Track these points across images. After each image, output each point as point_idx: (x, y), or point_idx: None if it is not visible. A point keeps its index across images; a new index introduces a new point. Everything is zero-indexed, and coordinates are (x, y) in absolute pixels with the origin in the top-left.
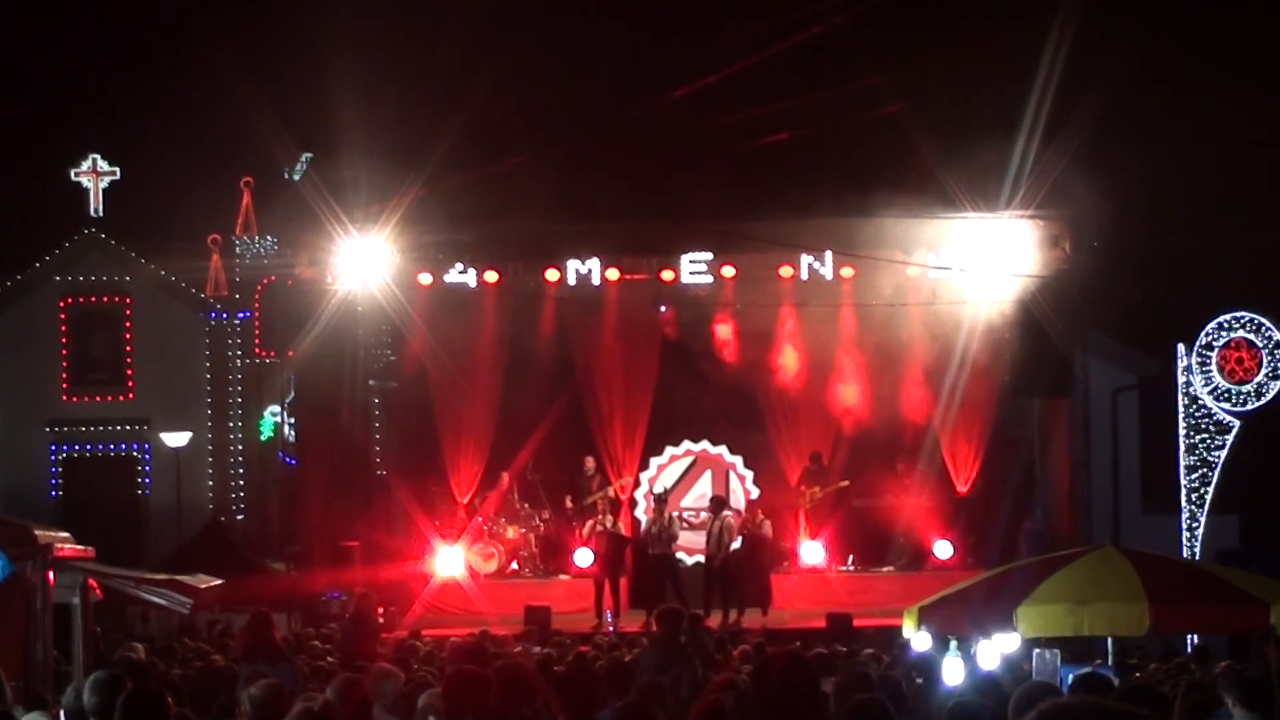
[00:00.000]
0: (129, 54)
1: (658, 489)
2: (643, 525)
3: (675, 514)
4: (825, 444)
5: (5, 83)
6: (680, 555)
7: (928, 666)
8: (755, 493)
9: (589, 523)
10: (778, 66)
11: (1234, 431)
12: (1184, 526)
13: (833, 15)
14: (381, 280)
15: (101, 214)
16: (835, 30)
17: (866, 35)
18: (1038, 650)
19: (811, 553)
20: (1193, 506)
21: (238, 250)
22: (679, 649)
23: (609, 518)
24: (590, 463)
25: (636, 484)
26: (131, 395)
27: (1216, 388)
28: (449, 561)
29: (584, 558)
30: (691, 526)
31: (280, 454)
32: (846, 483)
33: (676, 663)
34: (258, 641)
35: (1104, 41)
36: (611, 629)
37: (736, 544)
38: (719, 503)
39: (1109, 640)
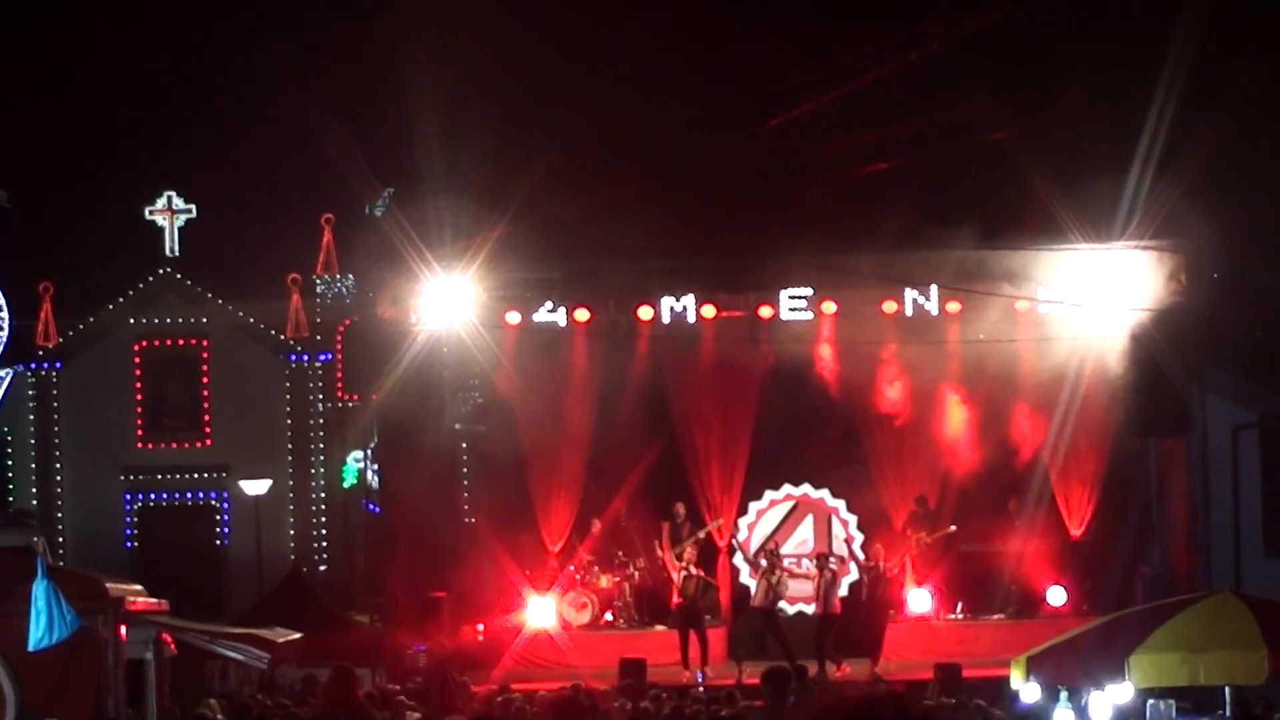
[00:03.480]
0: (205, 87)
1: (770, 545)
2: (747, 575)
3: (785, 573)
4: (931, 487)
5: (79, 117)
6: (781, 604)
7: (1037, 719)
8: (859, 539)
9: (678, 574)
10: (879, 94)
11: None
12: None
13: (934, 41)
14: (467, 320)
15: (177, 253)
16: (939, 58)
17: (971, 62)
18: (1152, 701)
19: (919, 601)
20: None
21: (318, 290)
22: (786, 712)
23: (692, 567)
24: (680, 509)
25: (735, 530)
26: (209, 441)
27: None
28: (540, 612)
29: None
30: (792, 575)
31: (364, 501)
32: (954, 527)
33: None
34: (339, 698)
35: (1222, 65)
36: (702, 686)
37: (843, 592)
38: (824, 558)
39: (1226, 690)
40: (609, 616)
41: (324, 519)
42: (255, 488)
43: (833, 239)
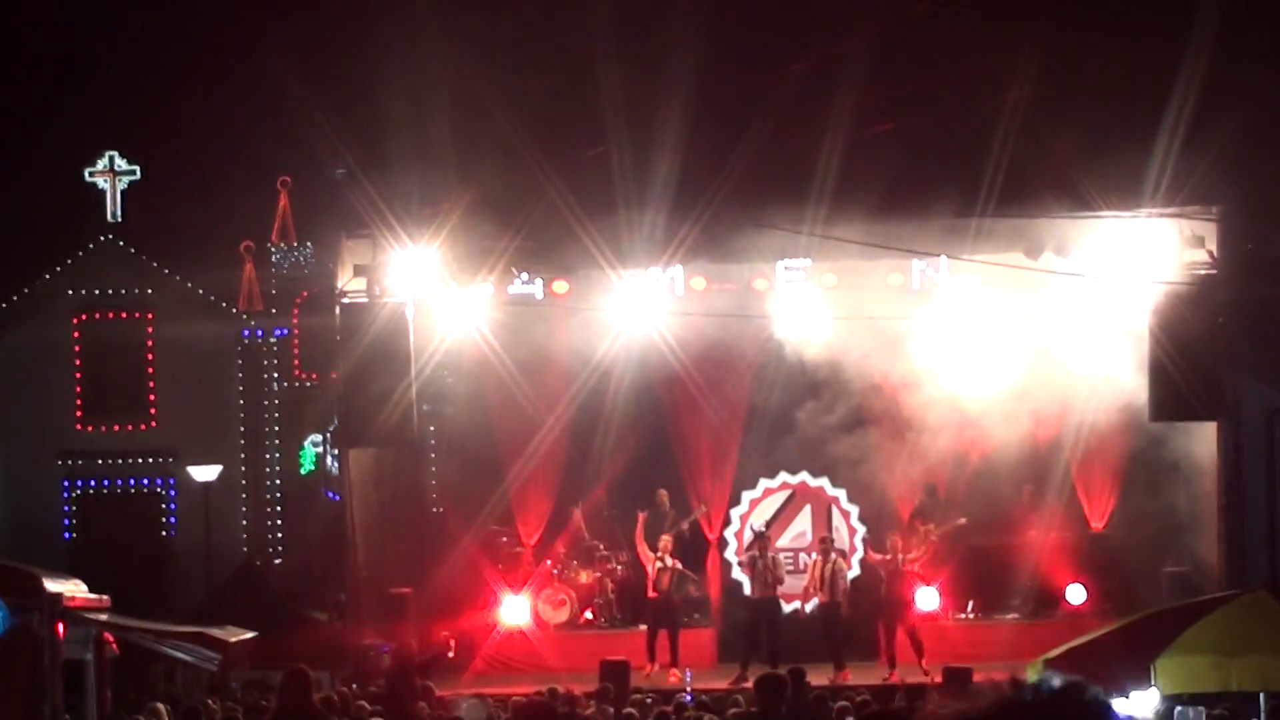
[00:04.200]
0: (150, 37)
1: (757, 525)
2: (739, 570)
3: (777, 553)
4: (940, 475)
5: (12, 69)
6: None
7: None
8: (860, 530)
9: (653, 566)
10: (888, 52)
11: None
12: None
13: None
14: (435, 292)
15: (120, 219)
16: (953, 13)
17: (987, 17)
18: (1180, 708)
19: (926, 599)
20: None
21: (274, 259)
22: None
23: (668, 558)
24: (663, 497)
25: (726, 521)
26: (154, 424)
27: None
28: (514, 610)
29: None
30: (795, 570)
31: (323, 489)
32: (964, 520)
33: None
34: (293, 703)
35: (1259, 19)
36: (689, 689)
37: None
38: (826, 542)
39: (1262, 697)
40: (589, 615)
41: (279, 508)
42: (204, 474)
43: (834, 206)
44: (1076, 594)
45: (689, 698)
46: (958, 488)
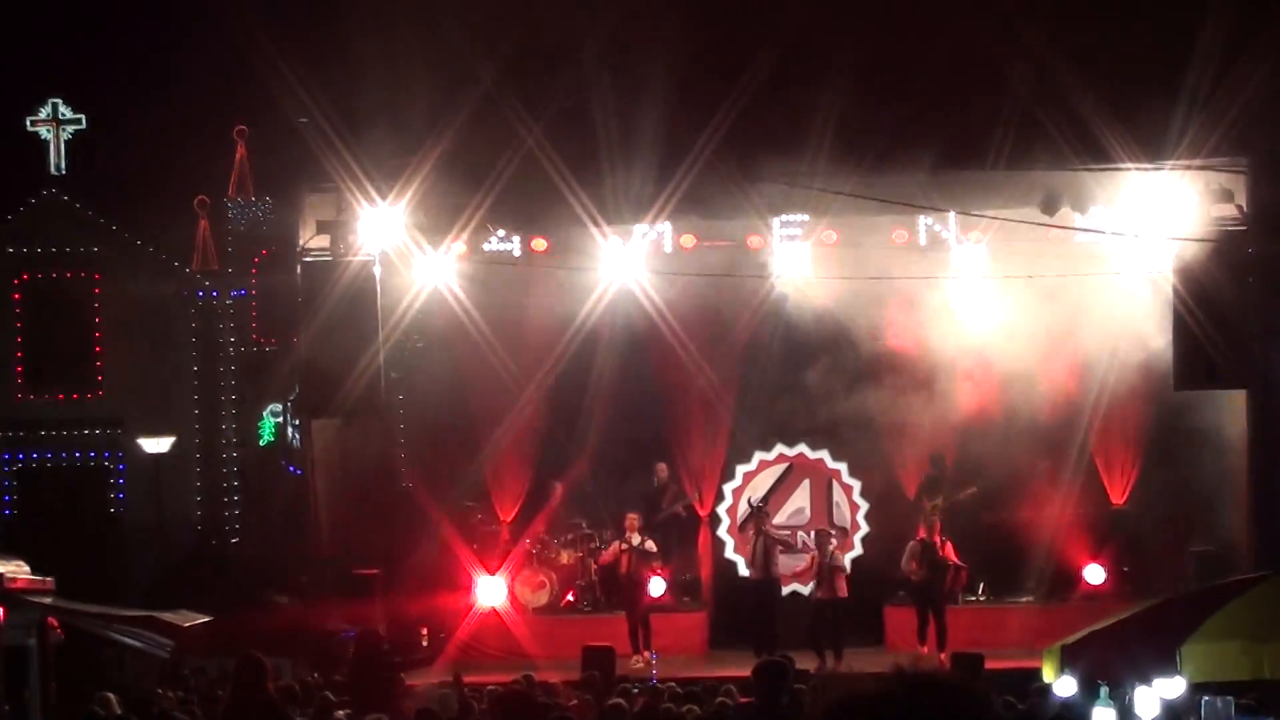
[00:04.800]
0: None
1: (755, 498)
2: (732, 550)
3: (772, 527)
4: (949, 445)
5: None
6: (778, 580)
7: (1073, 718)
8: (864, 507)
9: (613, 544)
10: None
11: None
12: None
13: None
14: (406, 250)
15: (64, 171)
16: None
17: None
18: (1208, 698)
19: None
20: None
21: (230, 215)
22: (780, 712)
23: (636, 535)
24: (663, 470)
25: (718, 496)
26: (101, 392)
27: None
28: (490, 592)
29: (656, 587)
30: (788, 549)
31: (283, 462)
32: (974, 489)
33: None
34: (247, 692)
35: None
36: (654, 673)
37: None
38: (823, 535)
39: None
40: (570, 598)
41: (236, 483)
42: (155, 445)
43: (834, 157)
44: (1095, 574)
45: (654, 679)
46: (968, 458)
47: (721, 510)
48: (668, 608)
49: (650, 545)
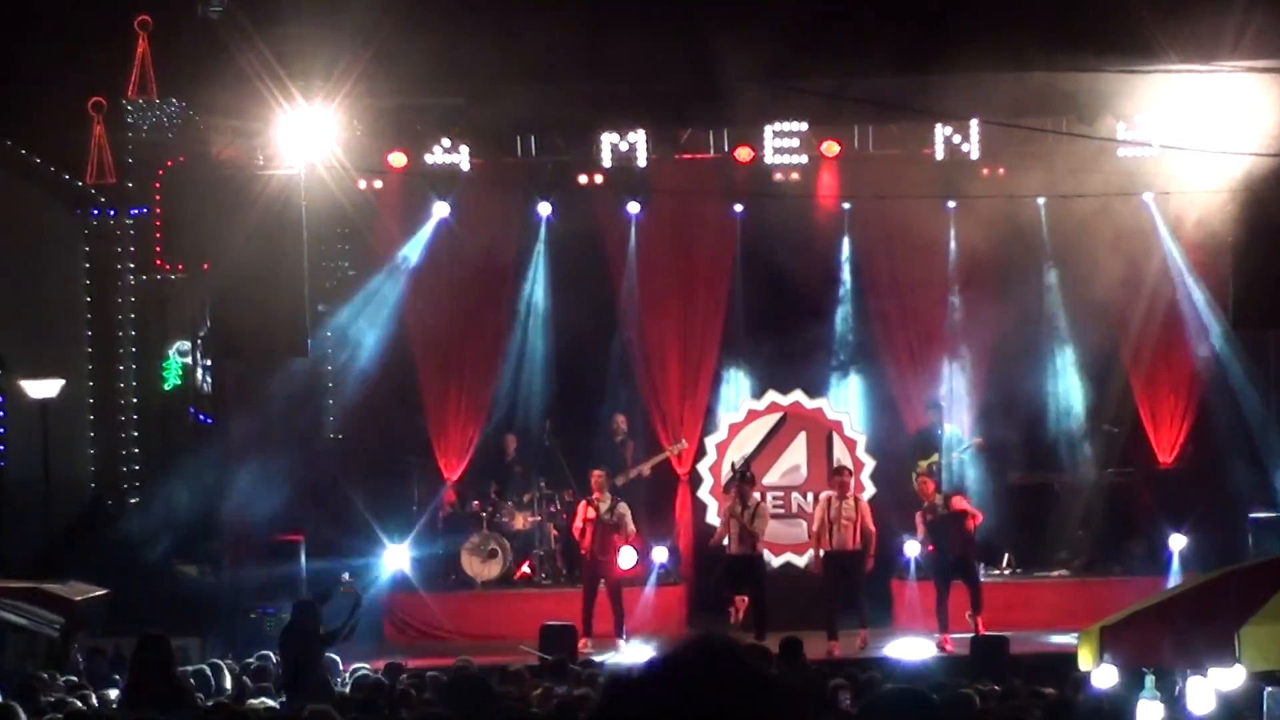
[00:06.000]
0: None
1: (738, 460)
2: (714, 514)
3: (761, 500)
4: (967, 397)
5: None
6: (764, 555)
7: (1113, 712)
8: (869, 464)
9: (581, 506)
10: None
11: None
12: None
13: None
14: (335, 162)
15: None
16: None
17: None
18: (1271, 689)
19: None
20: None
21: (130, 119)
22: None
23: (608, 497)
24: (620, 422)
25: (699, 452)
26: None
27: None
28: (395, 561)
29: (627, 558)
30: (785, 514)
31: (191, 410)
32: (979, 440)
33: None
34: (150, 677)
35: None
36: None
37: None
38: (844, 477)
39: None
40: (526, 569)
41: (136, 433)
42: (41, 390)
43: (839, 55)
44: (1139, 545)
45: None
46: (985, 408)
47: (703, 468)
48: (638, 582)
49: (623, 509)
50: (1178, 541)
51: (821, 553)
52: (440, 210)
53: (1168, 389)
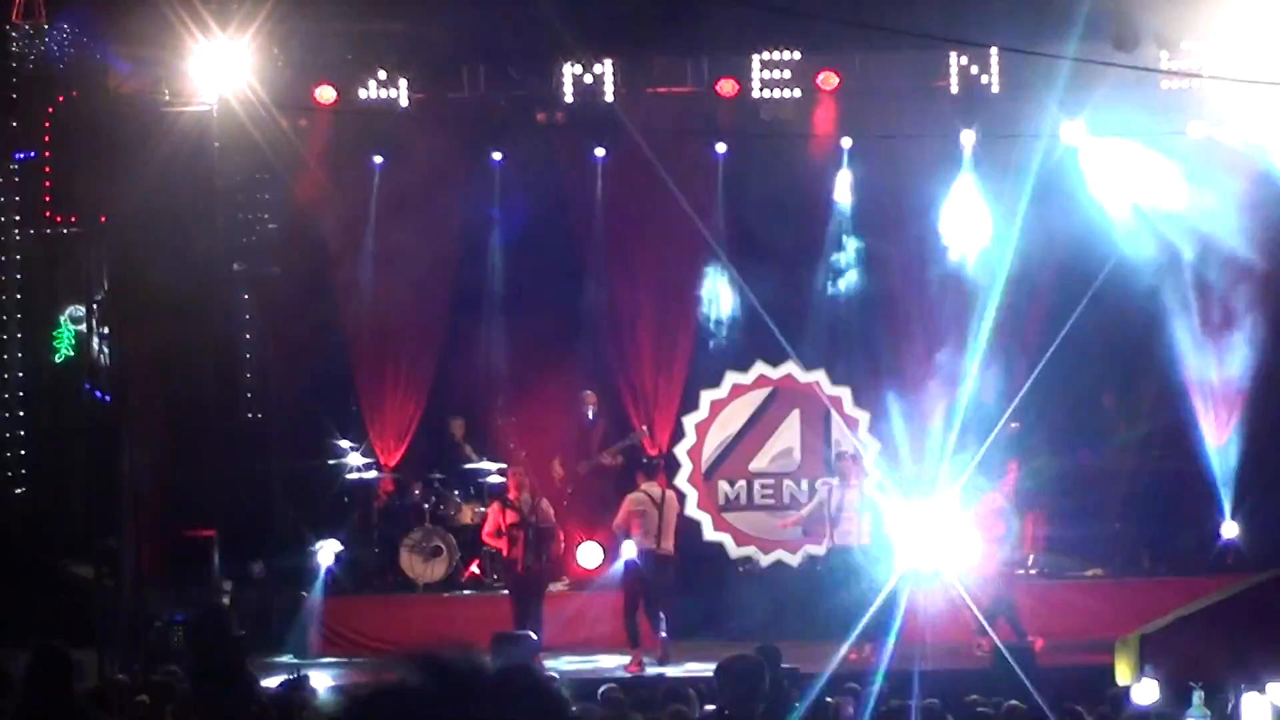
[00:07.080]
0: None
1: (636, 433)
2: (694, 506)
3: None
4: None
5: None
6: (751, 554)
7: None
8: (874, 447)
9: (493, 509)
10: None
11: None
12: None
13: None
14: (253, 98)
15: None
16: None
17: None
18: None
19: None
20: None
21: (15, 48)
22: None
23: (527, 495)
24: (590, 399)
25: (677, 433)
26: None
27: None
28: (327, 556)
29: (590, 556)
30: (777, 505)
31: (86, 385)
32: (1017, 424)
33: None
34: (44, 696)
35: None
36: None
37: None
38: (847, 462)
39: None
40: (475, 569)
41: (22, 412)
42: None
43: None
44: (1186, 542)
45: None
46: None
47: (680, 452)
48: (606, 584)
49: (545, 506)
50: (1230, 533)
51: (823, 550)
52: (371, 156)
53: (1218, 361)
